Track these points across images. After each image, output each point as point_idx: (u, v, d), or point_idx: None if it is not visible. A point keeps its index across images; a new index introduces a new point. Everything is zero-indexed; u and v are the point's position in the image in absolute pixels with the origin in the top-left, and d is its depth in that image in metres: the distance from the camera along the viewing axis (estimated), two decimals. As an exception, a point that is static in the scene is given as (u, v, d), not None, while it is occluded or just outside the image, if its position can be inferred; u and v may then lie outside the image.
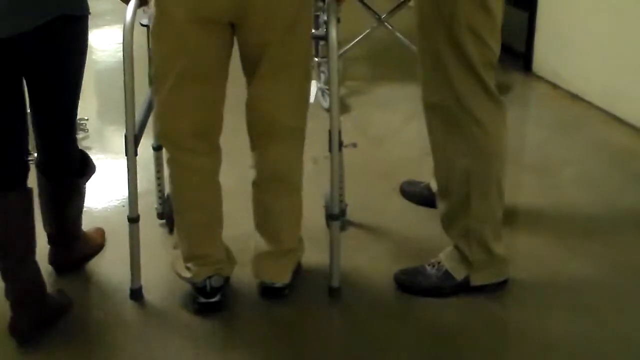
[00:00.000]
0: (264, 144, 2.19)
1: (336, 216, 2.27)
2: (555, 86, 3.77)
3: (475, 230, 2.22)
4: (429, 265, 2.32)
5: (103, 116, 3.49)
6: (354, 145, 3.14)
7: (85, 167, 2.40)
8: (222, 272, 2.25)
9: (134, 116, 2.20)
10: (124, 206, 2.85)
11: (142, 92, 2.37)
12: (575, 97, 3.64)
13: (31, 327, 2.16)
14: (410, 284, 2.32)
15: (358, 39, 3.85)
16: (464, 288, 2.28)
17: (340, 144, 2.33)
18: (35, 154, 2.35)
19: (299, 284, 2.33)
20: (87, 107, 3.57)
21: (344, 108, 3.39)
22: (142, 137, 2.28)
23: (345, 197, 2.58)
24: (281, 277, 2.29)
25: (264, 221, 2.28)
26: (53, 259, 2.45)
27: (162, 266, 2.39)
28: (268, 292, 2.31)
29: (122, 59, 2.18)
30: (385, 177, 2.97)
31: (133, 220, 2.28)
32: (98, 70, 4.08)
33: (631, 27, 3.29)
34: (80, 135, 3.31)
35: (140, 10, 2.23)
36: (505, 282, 2.32)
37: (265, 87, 2.12)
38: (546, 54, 3.85)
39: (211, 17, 2.00)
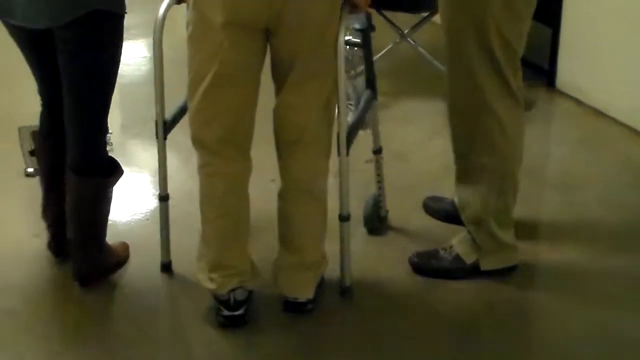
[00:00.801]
0: (291, 153, 2.23)
1: (345, 217, 2.33)
2: (579, 102, 3.74)
3: (487, 220, 2.36)
4: (442, 249, 2.47)
5: (127, 130, 3.50)
6: (371, 161, 3.13)
7: (114, 168, 2.45)
8: (247, 284, 2.26)
9: (163, 101, 2.35)
10: (148, 219, 2.89)
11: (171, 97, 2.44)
12: (599, 114, 3.61)
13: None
14: (423, 265, 2.47)
15: (381, 54, 3.86)
16: (474, 272, 2.42)
17: (380, 149, 2.64)
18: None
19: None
20: (111, 121, 3.55)
21: (367, 122, 3.39)
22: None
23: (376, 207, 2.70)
24: (304, 292, 2.30)
25: (286, 232, 2.30)
26: (77, 272, 2.47)
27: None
28: (291, 306, 2.32)
29: (146, 73, 2.22)
30: (408, 192, 2.96)
31: (163, 198, 2.47)
32: (123, 84, 4.01)
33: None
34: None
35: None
36: (514, 267, 2.45)
37: (294, 95, 2.16)
38: (570, 70, 3.83)
39: (247, 22, 2.06)
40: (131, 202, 2.97)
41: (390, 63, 4.00)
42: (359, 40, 2.56)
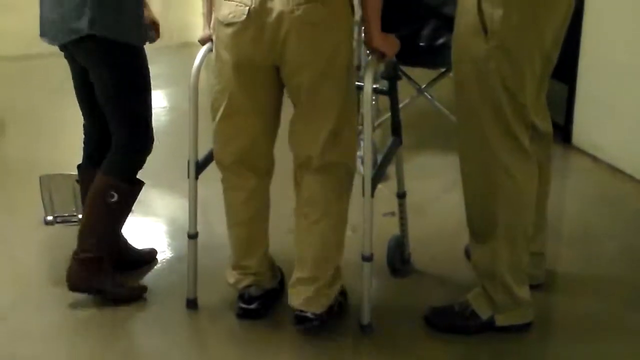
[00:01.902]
0: (301, 175, 2.40)
1: (368, 257, 2.41)
2: (595, 159, 3.76)
3: (501, 274, 2.36)
4: (457, 304, 2.46)
5: (144, 177, 3.54)
6: (393, 214, 3.15)
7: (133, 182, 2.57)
8: (262, 283, 2.51)
9: (196, 143, 2.52)
10: (164, 259, 2.88)
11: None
12: (615, 170, 3.62)
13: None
14: (438, 321, 2.47)
15: (380, 120, 3.90)
16: (489, 327, 2.42)
17: (404, 193, 2.76)
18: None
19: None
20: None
21: (386, 175, 3.41)
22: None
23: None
24: (312, 307, 2.40)
25: (299, 248, 2.44)
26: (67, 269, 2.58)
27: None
28: (298, 319, 2.43)
29: (165, 123, 2.28)
30: (425, 245, 2.97)
31: (192, 236, 2.60)
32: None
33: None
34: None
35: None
36: (529, 324, 2.44)
37: (299, 125, 2.36)
38: (586, 126, 3.86)
39: (253, 62, 2.27)
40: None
41: (408, 117, 4.00)
42: (385, 88, 2.65)
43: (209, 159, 2.57)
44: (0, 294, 2.72)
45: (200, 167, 2.56)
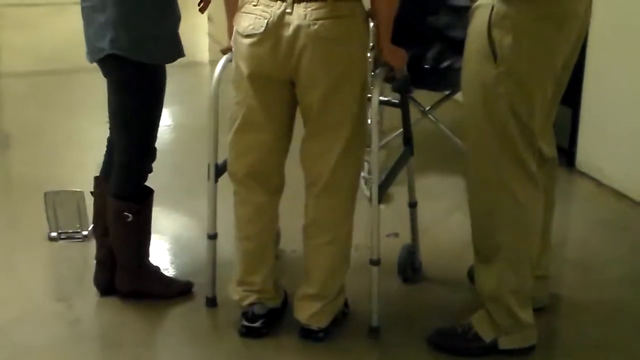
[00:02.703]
0: (310, 193, 2.44)
1: (375, 261, 2.48)
2: (599, 183, 3.76)
3: (505, 298, 2.36)
4: (459, 326, 2.47)
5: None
6: (396, 235, 3.16)
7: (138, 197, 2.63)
8: (266, 302, 2.52)
9: (216, 147, 2.59)
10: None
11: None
12: (619, 195, 3.62)
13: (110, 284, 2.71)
14: (442, 343, 2.48)
15: (401, 130, 3.91)
16: (492, 350, 2.42)
17: (415, 203, 2.86)
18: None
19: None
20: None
21: (387, 197, 3.42)
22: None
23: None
24: (317, 322, 2.47)
25: (307, 264, 2.49)
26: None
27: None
28: (304, 333, 2.50)
29: (169, 141, 2.32)
30: (426, 268, 2.96)
31: (211, 237, 2.67)
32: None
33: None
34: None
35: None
36: (532, 347, 2.44)
37: (312, 141, 2.39)
38: (590, 150, 3.86)
39: (269, 76, 2.31)
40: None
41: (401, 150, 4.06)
42: (396, 101, 2.72)
43: (224, 166, 2.63)
44: (4, 309, 2.72)
45: (219, 170, 2.62)
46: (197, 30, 6.20)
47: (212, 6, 2.76)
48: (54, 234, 3.18)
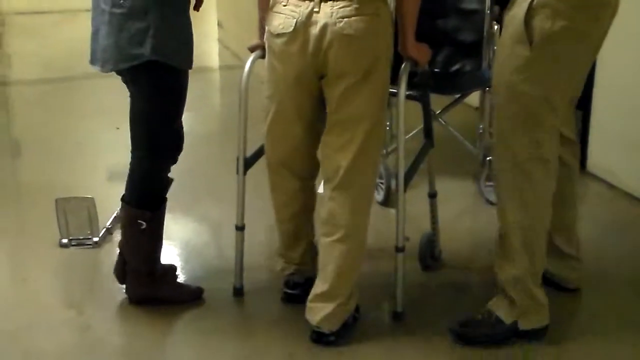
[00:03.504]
0: (327, 188, 2.50)
1: (400, 248, 2.60)
2: (611, 186, 3.74)
3: (522, 279, 2.45)
4: (479, 315, 2.54)
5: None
6: (407, 239, 3.14)
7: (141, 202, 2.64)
8: (304, 272, 2.70)
9: (245, 140, 2.71)
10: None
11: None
12: (631, 197, 3.61)
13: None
14: (464, 333, 2.53)
15: (412, 133, 3.88)
16: (514, 333, 2.49)
17: (435, 193, 2.98)
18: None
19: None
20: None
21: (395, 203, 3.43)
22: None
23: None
24: (328, 324, 2.51)
25: (320, 261, 2.54)
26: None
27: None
28: (316, 335, 2.54)
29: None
30: (437, 272, 2.97)
31: (240, 228, 2.79)
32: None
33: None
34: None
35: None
36: (546, 328, 2.52)
37: (333, 135, 2.46)
38: (601, 153, 3.85)
39: (301, 71, 2.41)
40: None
41: (421, 143, 4.05)
42: (416, 94, 2.78)
43: (255, 157, 2.75)
44: (14, 315, 2.73)
45: (248, 163, 2.73)
46: (205, 37, 6.23)
47: (221, 12, 2.78)
48: (64, 241, 3.19)
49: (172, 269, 2.90)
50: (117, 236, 3.25)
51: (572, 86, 2.44)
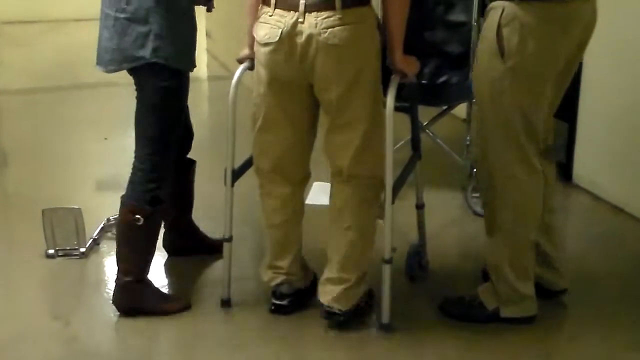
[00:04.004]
0: (334, 180, 2.61)
1: (388, 260, 2.59)
2: (596, 197, 3.77)
3: (502, 269, 2.57)
4: (467, 295, 2.70)
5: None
6: (394, 249, 3.15)
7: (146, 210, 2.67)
8: (293, 283, 2.71)
9: (233, 152, 2.70)
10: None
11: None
12: (616, 209, 3.63)
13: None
14: (450, 309, 2.71)
15: (399, 144, 3.90)
16: (494, 318, 2.63)
17: (422, 205, 2.99)
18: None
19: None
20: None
21: (383, 212, 3.43)
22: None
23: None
24: (338, 304, 2.59)
25: (330, 249, 2.64)
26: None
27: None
28: (327, 314, 2.62)
29: None
30: (424, 282, 2.97)
31: (228, 239, 2.77)
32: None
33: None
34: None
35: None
36: (533, 317, 2.63)
37: (332, 135, 2.55)
38: (587, 165, 3.87)
39: (287, 78, 2.47)
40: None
41: (408, 154, 4.06)
42: (406, 104, 2.83)
43: (243, 168, 2.76)
44: (0, 327, 2.71)
45: (236, 175, 2.73)
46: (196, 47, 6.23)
47: (210, 22, 2.80)
48: (51, 251, 3.18)
49: (213, 245, 3.02)
50: (104, 246, 3.27)
51: (549, 94, 2.49)
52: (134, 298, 2.74)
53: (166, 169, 2.72)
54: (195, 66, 2.74)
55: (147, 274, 2.78)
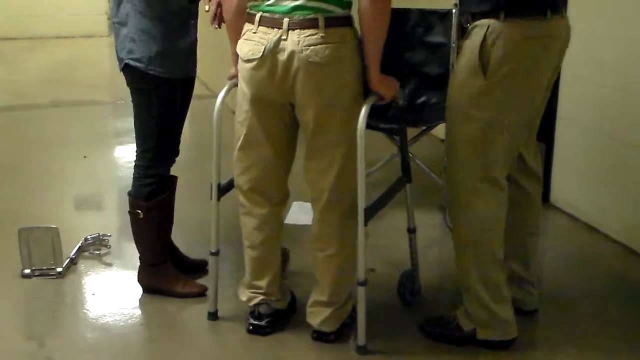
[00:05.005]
0: (315, 208, 2.61)
1: (362, 282, 2.58)
2: (572, 218, 3.80)
3: (474, 288, 2.57)
4: (447, 316, 2.70)
5: (125, 233, 3.54)
6: (373, 270, 3.16)
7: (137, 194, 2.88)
8: (271, 303, 2.72)
9: (219, 168, 2.72)
10: (142, 324, 2.89)
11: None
12: (592, 230, 3.66)
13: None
14: (430, 329, 2.71)
15: (378, 165, 3.94)
16: (471, 340, 2.62)
17: (414, 229, 2.97)
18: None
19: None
20: (110, 224, 3.65)
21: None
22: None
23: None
24: (327, 326, 2.66)
25: (315, 273, 2.68)
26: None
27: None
28: (317, 335, 2.69)
29: None
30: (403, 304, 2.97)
31: (214, 254, 2.82)
32: (122, 187, 4.17)
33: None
34: (102, 250, 3.37)
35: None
36: (512, 341, 2.62)
37: (310, 161, 2.56)
38: (564, 186, 3.90)
39: (269, 97, 2.49)
40: (126, 306, 2.97)
41: (388, 174, 4.07)
42: (394, 127, 2.87)
43: (229, 185, 2.78)
44: (-27, 348, 2.69)
45: (222, 190, 2.76)
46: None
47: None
48: (27, 271, 3.15)
49: (193, 264, 3.14)
50: (82, 266, 3.26)
51: (525, 112, 2.52)
52: (150, 280, 2.98)
53: (161, 166, 2.88)
54: (183, 75, 2.82)
55: (161, 259, 2.96)
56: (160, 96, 2.76)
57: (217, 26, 2.86)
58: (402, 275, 2.99)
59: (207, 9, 2.85)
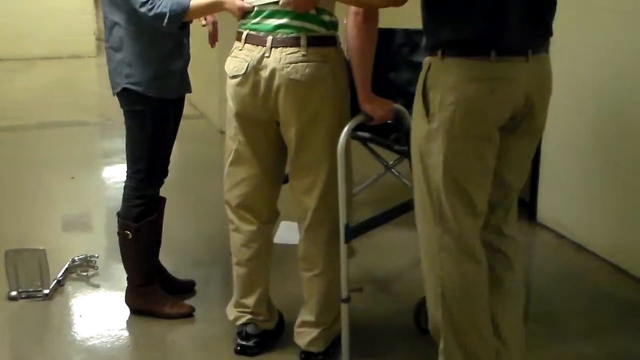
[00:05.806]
0: (300, 227, 2.61)
1: (346, 299, 2.57)
2: (559, 236, 3.82)
3: (448, 353, 2.34)
4: None
5: (113, 254, 3.53)
6: (360, 289, 3.15)
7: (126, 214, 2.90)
8: (259, 323, 2.72)
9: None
10: (129, 346, 2.87)
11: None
12: (579, 248, 3.67)
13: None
14: None
15: (365, 184, 3.95)
16: None
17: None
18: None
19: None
20: (97, 245, 3.64)
21: (350, 252, 3.43)
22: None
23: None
24: (315, 346, 2.66)
25: (304, 293, 2.68)
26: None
27: None
28: (304, 355, 2.68)
29: None
30: (390, 323, 2.97)
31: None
32: (110, 207, 4.17)
33: (635, 180, 3.37)
34: (89, 272, 3.36)
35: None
36: None
37: (294, 181, 2.59)
38: (550, 203, 3.93)
39: (253, 114, 2.51)
40: (113, 327, 2.96)
41: (375, 193, 4.10)
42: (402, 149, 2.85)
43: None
44: (-42, 372, 2.67)
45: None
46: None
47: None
48: (13, 293, 3.13)
49: (180, 285, 3.15)
50: (69, 287, 3.24)
51: (480, 161, 2.24)
52: (138, 301, 2.98)
53: (151, 187, 2.89)
54: (178, 94, 2.88)
55: (149, 280, 2.96)
56: (155, 117, 2.79)
57: (212, 46, 2.91)
58: (419, 302, 2.84)
59: (203, 23, 2.88)
